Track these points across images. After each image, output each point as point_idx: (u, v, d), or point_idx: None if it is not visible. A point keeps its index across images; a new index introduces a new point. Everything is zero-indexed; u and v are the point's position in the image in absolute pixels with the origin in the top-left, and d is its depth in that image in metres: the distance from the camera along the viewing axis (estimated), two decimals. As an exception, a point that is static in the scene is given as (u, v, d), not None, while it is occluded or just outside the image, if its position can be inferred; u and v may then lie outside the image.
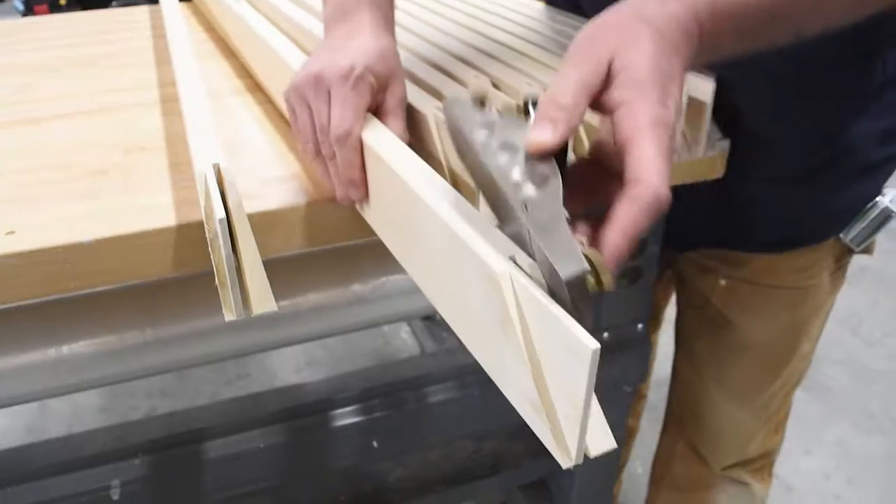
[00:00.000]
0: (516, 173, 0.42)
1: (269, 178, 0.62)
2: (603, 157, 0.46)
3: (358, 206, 0.58)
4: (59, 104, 0.80)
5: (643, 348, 0.95)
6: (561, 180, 0.41)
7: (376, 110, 0.56)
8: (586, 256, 0.37)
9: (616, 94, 0.42)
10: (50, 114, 0.78)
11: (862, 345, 2.01)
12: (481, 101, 0.49)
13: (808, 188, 0.79)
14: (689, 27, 0.45)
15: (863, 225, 0.81)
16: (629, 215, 0.39)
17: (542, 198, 0.40)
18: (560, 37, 0.81)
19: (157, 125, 0.73)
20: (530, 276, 0.38)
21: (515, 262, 0.39)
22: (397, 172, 0.48)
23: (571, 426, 0.35)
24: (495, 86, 0.65)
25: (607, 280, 0.37)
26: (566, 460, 0.36)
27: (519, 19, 0.90)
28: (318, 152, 0.56)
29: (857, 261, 0.89)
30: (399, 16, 0.92)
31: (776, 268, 0.85)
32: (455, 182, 0.55)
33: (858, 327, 2.07)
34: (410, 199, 0.46)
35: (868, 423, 1.77)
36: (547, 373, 0.36)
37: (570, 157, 0.45)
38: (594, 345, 0.32)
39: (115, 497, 0.74)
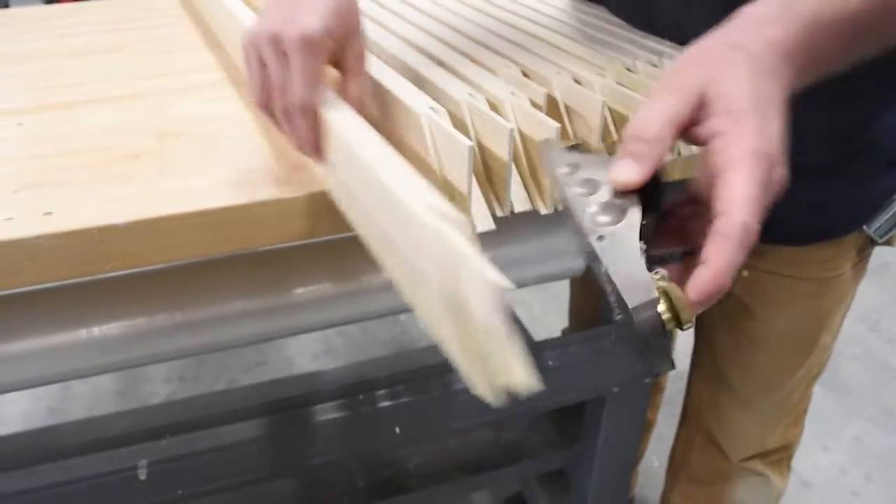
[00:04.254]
0: (593, 206, 0.42)
1: (298, 162, 0.62)
2: (703, 194, 0.44)
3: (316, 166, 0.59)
4: (89, 89, 0.81)
5: (663, 339, 0.94)
6: (640, 214, 0.40)
7: (336, 67, 0.57)
8: (665, 291, 0.36)
9: (711, 125, 0.41)
10: (80, 99, 0.79)
11: (881, 341, 2.00)
12: (575, 145, 0.50)
13: (833, 180, 0.79)
14: (787, 51, 0.44)
15: (886, 217, 0.81)
16: (717, 252, 0.37)
17: (617, 230, 0.40)
18: (586, 27, 0.81)
19: (190, 111, 0.74)
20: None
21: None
22: (347, 138, 0.50)
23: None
24: (525, 75, 0.66)
25: (685, 317, 0.37)
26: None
27: (544, 9, 0.90)
28: (266, 105, 0.56)
29: (877, 257, 0.89)
30: (424, 4, 0.92)
31: (799, 259, 0.85)
32: (448, 190, 0.55)
33: (877, 324, 2.06)
34: (351, 155, 0.49)
35: (886, 419, 1.76)
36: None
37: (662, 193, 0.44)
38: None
39: (143, 477, 0.75)
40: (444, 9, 0.93)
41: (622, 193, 0.41)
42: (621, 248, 0.39)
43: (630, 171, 0.40)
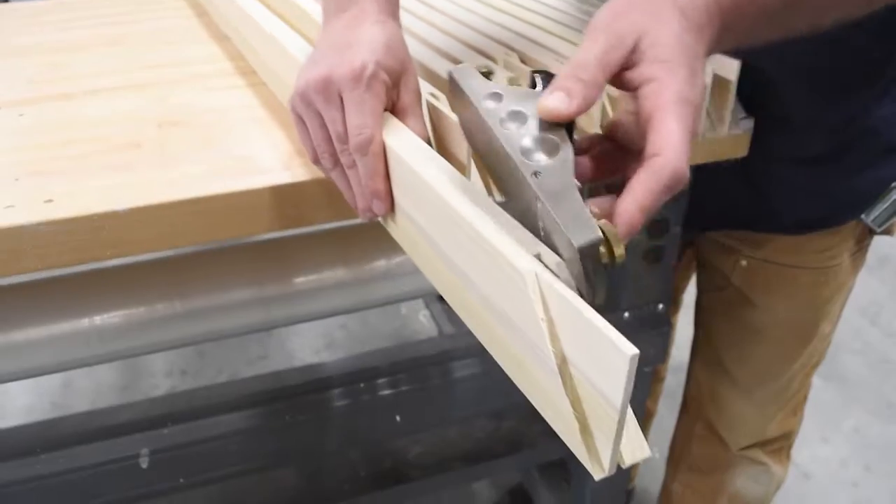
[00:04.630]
0: (526, 141, 0.41)
1: (296, 150, 0.63)
2: (621, 135, 0.46)
3: (381, 220, 0.54)
4: (90, 81, 0.82)
5: (663, 328, 0.95)
6: (572, 150, 0.40)
7: (392, 109, 0.52)
8: (601, 227, 0.36)
9: (642, 71, 0.42)
10: (80, 90, 0.79)
11: (881, 335, 2.00)
12: (487, 74, 0.49)
13: (831, 169, 0.79)
14: (710, 10, 0.45)
15: (885, 206, 0.81)
16: (646, 187, 0.38)
17: (552, 166, 0.40)
18: (586, 16, 0.81)
19: (189, 101, 0.75)
20: (557, 276, 0.35)
21: (541, 260, 0.36)
22: (424, 178, 0.44)
23: (605, 437, 0.32)
24: (524, 62, 0.66)
25: (620, 252, 0.36)
26: (598, 471, 0.34)
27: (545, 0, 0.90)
28: (335, 163, 0.51)
29: (877, 250, 0.89)
30: (424, -5, 0.92)
31: (798, 248, 0.85)
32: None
33: (877, 317, 2.06)
34: (437, 203, 0.43)
35: (886, 411, 1.76)
36: (578, 380, 0.33)
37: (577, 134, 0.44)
38: (632, 350, 0.29)
39: (145, 465, 0.76)
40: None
41: (552, 127, 0.41)
42: (558, 185, 0.38)
43: (563, 102, 0.40)
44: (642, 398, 1.03)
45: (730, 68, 0.64)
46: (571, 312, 0.32)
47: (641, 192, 0.38)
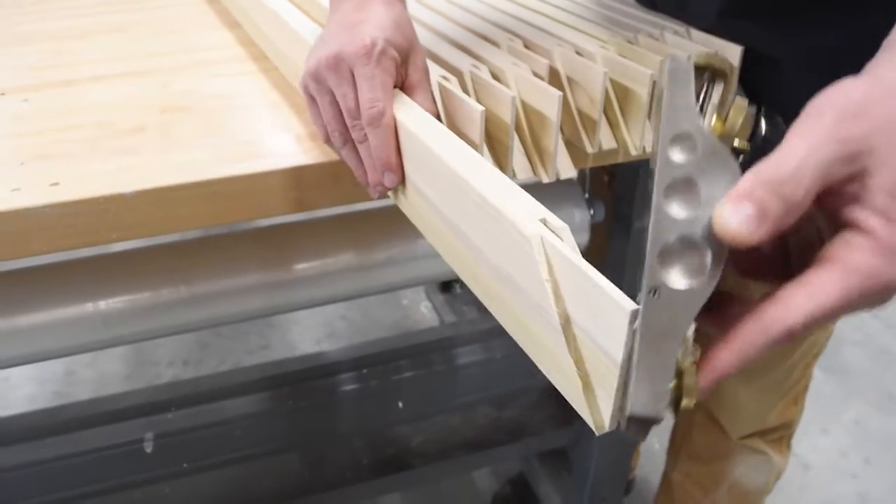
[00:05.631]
0: (672, 237, 0.32)
1: (302, 134, 0.63)
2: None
3: (391, 195, 0.55)
4: (92, 67, 0.82)
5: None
6: (714, 285, 0.31)
7: (401, 86, 0.53)
8: (680, 373, 0.30)
9: (855, 213, 0.33)
10: (84, 76, 0.79)
11: (881, 327, 2.01)
12: (706, 71, 0.41)
13: None
14: None
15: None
16: (749, 335, 0.32)
17: (683, 293, 0.31)
18: (588, 3, 0.81)
19: (193, 86, 0.75)
20: (561, 239, 0.34)
21: (546, 225, 0.35)
22: (433, 149, 0.45)
23: (606, 393, 0.32)
24: (527, 47, 0.66)
25: (686, 403, 0.31)
26: (600, 427, 0.34)
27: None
28: (346, 140, 0.52)
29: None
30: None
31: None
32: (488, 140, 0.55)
33: (878, 310, 2.06)
34: (445, 172, 0.44)
35: (886, 403, 1.76)
36: (581, 340, 0.34)
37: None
38: (631, 306, 0.29)
39: (149, 450, 0.76)
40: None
41: (714, 240, 0.31)
42: (667, 324, 0.30)
43: (750, 229, 0.30)
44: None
45: (733, 53, 0.64)
46: (575, 273, 0.33)
47: (743, 339, 0.32)
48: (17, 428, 0.81)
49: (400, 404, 0.85)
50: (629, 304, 0.29)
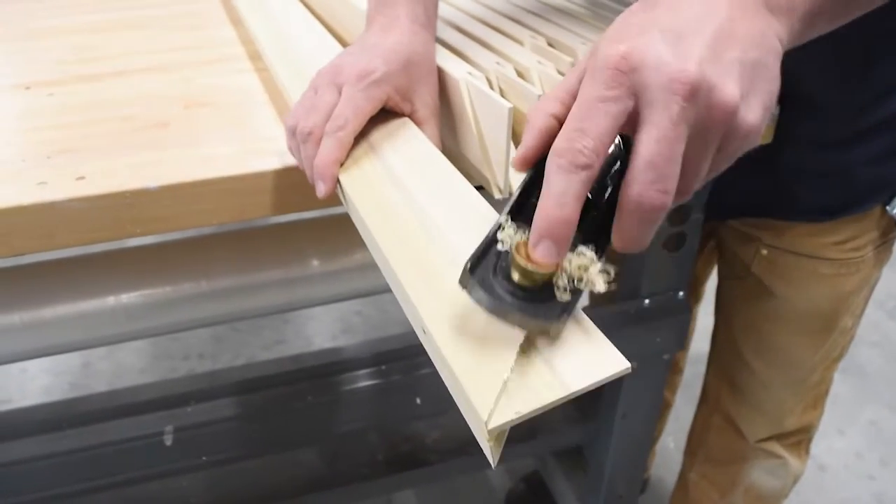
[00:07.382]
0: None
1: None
2: None
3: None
4: (117, 62, 0.82)
5: (683, 316, 0.95)
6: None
7: (410, 118, 0.56)
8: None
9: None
10: (109, 71, 0.80)
11: (898, 328, 1.99)
12: None
13: (855, 153, 0.78)
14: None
15: (912, 195, 0.80)
16: (618, 229, 0.37)
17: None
18: (610, 1, 0.81)
19: (215, 82, 0.75)
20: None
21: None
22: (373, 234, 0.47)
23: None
24: (551, 45, 0.66)
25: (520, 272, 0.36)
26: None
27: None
28: (305, 140, 0.53)
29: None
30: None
31: (819, 238, 0.85)
32: (485, 153, 0.55)
33: (895, 310, 2.05)
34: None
35: (903, 405, 1.76)
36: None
37: None
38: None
39: (169, 443, 0.77)
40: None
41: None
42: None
43: (552, 256, 0.35)
44: (661, 385, 1.03)
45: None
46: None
47: (618, 236, 0.37)
48: (36, 419, 0.81)
49: (418, 400, 0.85)
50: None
